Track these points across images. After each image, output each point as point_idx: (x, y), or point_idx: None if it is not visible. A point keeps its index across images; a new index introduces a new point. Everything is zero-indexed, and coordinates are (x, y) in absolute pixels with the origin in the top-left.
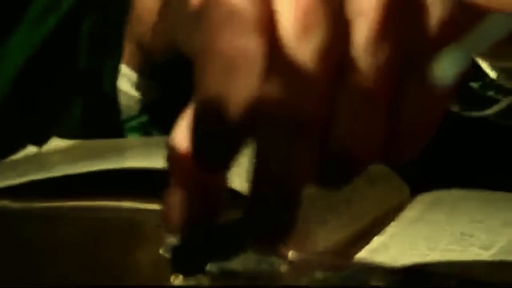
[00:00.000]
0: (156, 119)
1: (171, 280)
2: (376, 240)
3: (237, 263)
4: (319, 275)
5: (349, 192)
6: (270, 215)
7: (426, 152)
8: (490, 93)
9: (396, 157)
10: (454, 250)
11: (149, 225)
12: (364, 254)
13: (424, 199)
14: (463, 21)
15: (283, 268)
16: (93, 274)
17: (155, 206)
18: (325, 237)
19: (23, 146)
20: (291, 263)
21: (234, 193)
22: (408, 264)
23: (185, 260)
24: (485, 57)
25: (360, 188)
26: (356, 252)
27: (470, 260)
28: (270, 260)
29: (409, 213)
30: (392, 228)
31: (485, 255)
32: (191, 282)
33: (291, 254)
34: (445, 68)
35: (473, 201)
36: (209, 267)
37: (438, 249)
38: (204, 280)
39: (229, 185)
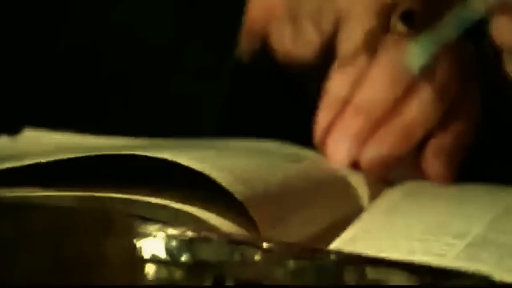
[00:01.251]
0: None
1: None
2: (351, 230)
3: (210, 254)
4: (292, 264)
5: (323, 182)
6: None
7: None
8: None
9: None
10: (428, 239)
11: (120, 215)
12: (339, 244)
13: (398, 189)
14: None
15: (256, 257)
16: (62, 264)
17: (125, 196)
18: (300, 226)
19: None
20: (264, 252)
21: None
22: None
23: None
24: None
25: (334, 178)
26: (331, 242)
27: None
28: (243, 250)
29: (383, 203)
30: (366, 218)
31: (460, 244)
32: (163, 274)
33: (265, 244)
34: (416, 57)
35: (448, 191)
36: (184, 257)
37: (412, 238)
38: (177, 272)
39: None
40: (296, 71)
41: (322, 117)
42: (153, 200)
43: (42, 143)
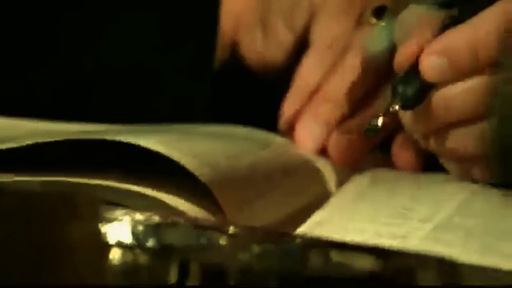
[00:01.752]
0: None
1: None
2: (318, 214)
3: (175, 238)
4: (257, 248)
5: (288, 166)
6: None
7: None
8: None
9: None
10: (394, 223)
11: (85, 200)
12: (305, 228)
13: (366, 175)
14: None
15: (222, 242)
16: (26, 249)
17: (89, 181)
18: (265, 210)
19: None
20: (230, 237)
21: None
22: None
23: None
24: None
25: (301, 164)
26: (297, 226)
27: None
28: (209, 234)
29: (351, 188)
30: (334, 203)
31: (425, 228)
32: (128, 259)
33: (230, 228)
34: (376, 42)
35: (416, 178)
36: (149, 242)
37: (378, 222)
38: (143, 257)
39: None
40: (270, 76)
41: (290, 103)
42: (119, 185)
43: (12, 129)
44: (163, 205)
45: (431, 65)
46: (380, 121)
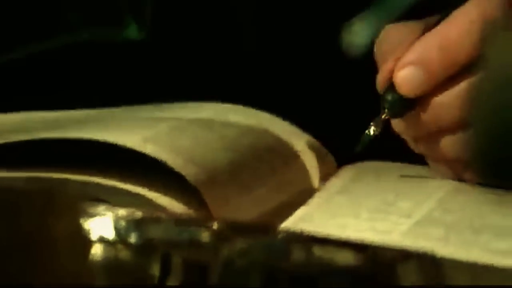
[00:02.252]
0: None
1: None
2: (302, 210)
3: (158, 234)
4: (240, 244)
5: (274, 162)
6: None
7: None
8: None
9: None
10: (376, 218)
11: (67, 196)
12: (289, 223)
13: (349, 170)
14: None
15: (205, 237)
16: (8, 246)
17: (67, 176)
18: (250, 205)
19: None
20: (212, 232)
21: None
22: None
23: None
24: None
25: (286, 159)
26: (281, 222)
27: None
28: (191, 230)
29: (334, 183)
30: (317, 198)
31: (407, 223)
32: (111, 255)
33: (213, 223)
34: (357, 36)
35: (398, 173)
36: (132, 238)
37: (360, 218)
38: (125, 252)
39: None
40: None
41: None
42: (102, 181)
43: None
44: (146, 201)
45: (405, 79)
46: (372, 131)
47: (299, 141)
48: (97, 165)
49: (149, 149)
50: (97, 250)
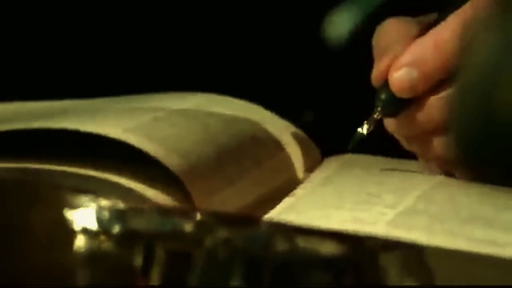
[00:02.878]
0: None
1: None
2: (286, 201)
3: (141, 224)
4: (223, 234)
5: (259, 153)
6: None
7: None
8: None
9: None
10: (360, 209)
11: (50, 186)
12: (273, 214)
13: (334, 162)
14: None
15: (188, 228)
16: None
17: (50, 167)
18: (234, 196)
19: None
20: (195, 223)
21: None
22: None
23: None
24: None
25: (270, 150)
26: (266, 213)
27: None
28: (175, 220)
29: (319, 175)
30: (301, 190)
31: (391, 213)
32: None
33: (196, 214)
34: (337, 28)
35: (383, 166)
36: (115, 229)
37: (344, 208)
38: (108, 243)
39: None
40: None
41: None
42: (85, 171)
43: None
44: (129, 192)
45: (400, 80)
46: (365, 129)
47: (284, 132)
48: (80, 156)
49: (132, 140)
50: (80, 241)
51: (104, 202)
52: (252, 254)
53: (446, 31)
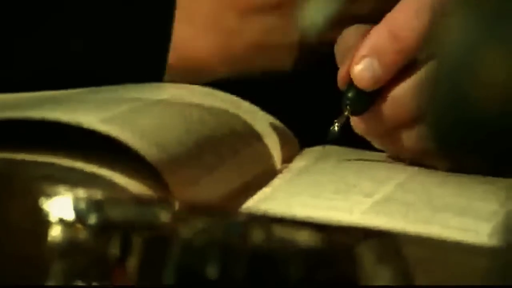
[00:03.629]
0: None
1: None
2: (263, 191)
3: (117, 214)
4: (200, 223)
5: (237, 143)
6: None
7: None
8: None
9: None
10: (337, 198)
11: (25, 177)
12: (251, 204)
13: (312, 152)
14: None
15: (164, 218)
16: None
17: (26, 157)
18: (212, 186)
19: None
20: (172, 213)
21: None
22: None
23: None
24: None
25: (248, 140)
26: (243, 203)
27: None
28: (152, 211)
29: (297, 165)
30: (279, 180)
31: (367, 202)
32: (70, 236)
33: (173, 204)
34: (313, 16)
35: (360, 156)
36: (92, 219)
37: (321, 197)
38: (85, 233)
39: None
40: None
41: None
42: (63, 162)
43: None
44: (106, 182)
45: (361, 73)
46: (336, 128)
47: (262, 122)
48: (57, 147)
49: (109, 130)
50: (56, 231)
51: (81, 192)
52: (229, 244)
53: (399, 16)
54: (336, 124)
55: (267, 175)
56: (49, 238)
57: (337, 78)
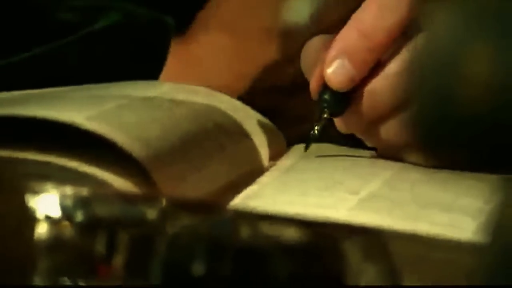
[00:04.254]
0: None
1: None
2: (251, 188)
3: (104, 211)
4: (186, 221)
5: (224, 140)
6: None
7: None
8: None
9: None
10: (323, 195)
11: (8, 175)
12: (238, 201)
13: (299, 150)
14: None
15: (151, 215)
16: None
17: (12, 154)
18: (199, 183)
19: None
20: (159, 210)
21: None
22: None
23: None
24: None
25: (236, 137)
26: (230, 200)
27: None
28: (139, 208)
29: (284, 162)
30: (266, 177)
31: (353, 199)
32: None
33: (160, 201)
34: (298, 9)
35: (346, 154)
36: (78, 216)
37: (308, 195)
38: (71, 230)
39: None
40: None
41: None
42: (49, 159)
43: None
44: (93, 179)
45: (334, 74)
46: (316, 130)
47: (249, 120)
48: (44, 144)
49: (95, 127)
50: (42, 228)
51: (67, 190)
52: (216, 241)
53: (366, 14)
54: (316, 128)
55: (254, 172)
56: (35, 235)
57: (310, 89)
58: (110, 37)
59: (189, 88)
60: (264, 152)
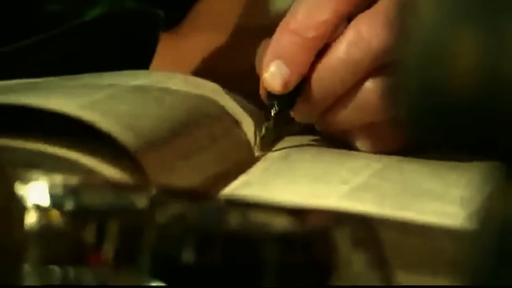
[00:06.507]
0: None
1: None
2: (243, 177)
3: (93, 200)
4: (176, 209)
5: (215, 130)
6: None
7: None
8: None
9: None
10: (314, 185)
11: None
12: (229, 190)
13: (291, 140)
14: None
15: (141, 203)
16: None
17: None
18: (189, 172)
19: None
20: (148, 198)
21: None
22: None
23: None
24: None
25: (226, 127)
26: (221, 189)
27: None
28: (128, 196)
29: (275, 153)
30: (257, 167)
31: (344, 188)
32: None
33: (149, 189)
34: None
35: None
36: (68, 205)
37: (298, 183)
38: (60, 219)
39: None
40: None
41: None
42: (39, 147)
43: None
44: (83, 167)
45: (271, 79)
46: (269, 126)
47: (241, 110)
48: (34, 132)
49: (86, 116)
50: (32, 217)
51: (57, 178)
52: (205, 230)
53: (295, 14)
54: (265, 125)
55: (245, 162)
56: (25, 224)
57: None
58: (97, 29)
59: (180, 77)
60: (254, 141)
